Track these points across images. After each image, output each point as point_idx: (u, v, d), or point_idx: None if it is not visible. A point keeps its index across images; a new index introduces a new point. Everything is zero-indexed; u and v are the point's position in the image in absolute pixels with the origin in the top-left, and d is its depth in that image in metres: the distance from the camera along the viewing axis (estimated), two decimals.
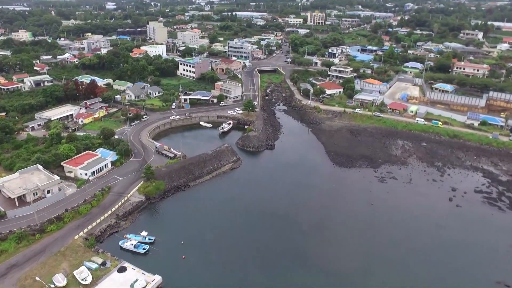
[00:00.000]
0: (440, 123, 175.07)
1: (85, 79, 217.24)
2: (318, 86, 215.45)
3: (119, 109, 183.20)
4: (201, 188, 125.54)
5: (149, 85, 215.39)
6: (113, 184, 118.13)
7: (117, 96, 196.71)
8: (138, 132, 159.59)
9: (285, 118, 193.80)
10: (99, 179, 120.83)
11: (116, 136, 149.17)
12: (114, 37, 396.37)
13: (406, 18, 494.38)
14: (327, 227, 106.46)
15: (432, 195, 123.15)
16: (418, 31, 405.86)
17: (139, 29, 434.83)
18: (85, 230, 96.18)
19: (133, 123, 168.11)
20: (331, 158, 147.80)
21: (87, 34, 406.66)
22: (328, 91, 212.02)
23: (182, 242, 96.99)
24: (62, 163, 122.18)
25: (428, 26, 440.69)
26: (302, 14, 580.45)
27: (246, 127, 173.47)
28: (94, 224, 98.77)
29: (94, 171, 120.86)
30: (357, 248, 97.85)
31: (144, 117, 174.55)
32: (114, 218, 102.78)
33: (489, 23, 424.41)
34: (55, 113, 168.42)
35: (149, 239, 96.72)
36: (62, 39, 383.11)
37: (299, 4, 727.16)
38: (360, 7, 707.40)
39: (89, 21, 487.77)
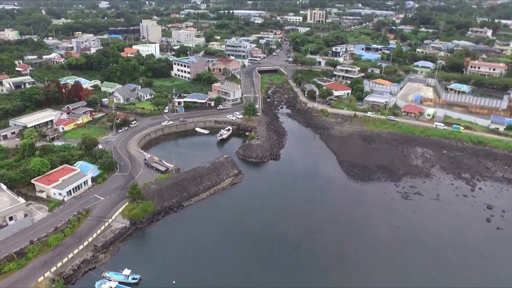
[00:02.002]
0: (462, 128, 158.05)
1: (71, 80, 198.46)
2: (324, 87, 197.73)
3: (106, 113, 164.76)
4: (197, 208, 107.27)
5: (140, 87, 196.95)
6: (93, 205, 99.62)
7: (104, 99, 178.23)
8: (126, 141, 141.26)
9: (289, 122, 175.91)
10: (77, 199, 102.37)
11: (100, 146, 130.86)
12: (105, 36, 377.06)
13: (410, 15, 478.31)
14: (348, 258, 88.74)
15: (465, 215, 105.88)
16: (423, 29, 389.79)
17: (132, 28, 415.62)
18: (53, 268, 77.70)
19: (120, 130, 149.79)
20: (345, 170, 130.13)
21: (77, 33, 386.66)
22: (335, 93, 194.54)
23: (174, 282, 78.87)
24: (32, 181, 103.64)
25: (432, 24, 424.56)
26: (301, 12, 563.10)
27: (247, 133, 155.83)
28: (65, 259, 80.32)
29: (70, 190, 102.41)
30: (387, 286, 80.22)
31: (133, 123, 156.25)
32: (91, 251, 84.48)
33: (496, 20, 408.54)
34: (32, 119, 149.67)
35: (133, 279, 78.50)
36: (50, 38, 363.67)
37: (298, 2, 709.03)
38: (359, 5, 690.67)
39: (80, 19, 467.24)
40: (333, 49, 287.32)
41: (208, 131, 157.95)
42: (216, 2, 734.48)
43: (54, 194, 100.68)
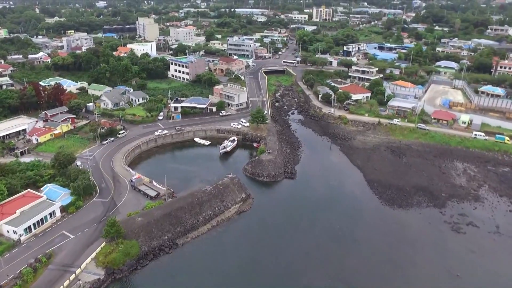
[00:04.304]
0: (507, 138, 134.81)
1: (54, 82, 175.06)
2: (340, 90, 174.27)
3: (90, 121, 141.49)
4: (195, 247, 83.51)
5: (131, 90, 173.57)
6: (58, 247, 75.99)
7: (90, 104, 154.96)
8: (111, 155, 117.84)
9: (303, 131, 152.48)
10: (38, 238, 78.78)
11: (78, 163, 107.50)
12: (99, 35, 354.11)
13: (421, 14, 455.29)
14: None
15: None
16: (437, 28, 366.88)
17: (128, 26, 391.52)
18: None
19: (105, 141, 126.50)
20: (376, 192, 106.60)
21: (69, 31, 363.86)
22: (353, 96, 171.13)
23: None
24: None
25: (446, 22, 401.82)
26: (305, 10, 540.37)
27: (255, 145, 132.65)
28: None
29: (30, 226, 78.94)
30: None
31: (121, 132, 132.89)
32: None
33: None
34: (1, 128, 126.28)
35: None
36: (40, 36, 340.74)
37: (301, 1, 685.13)
38: (365, 3, 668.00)
39: (75, 17, 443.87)
40: (345, 48, 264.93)
41: (209, 142, 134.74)
42: (216, 0, 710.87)
43: (8, 232, 77.19)
